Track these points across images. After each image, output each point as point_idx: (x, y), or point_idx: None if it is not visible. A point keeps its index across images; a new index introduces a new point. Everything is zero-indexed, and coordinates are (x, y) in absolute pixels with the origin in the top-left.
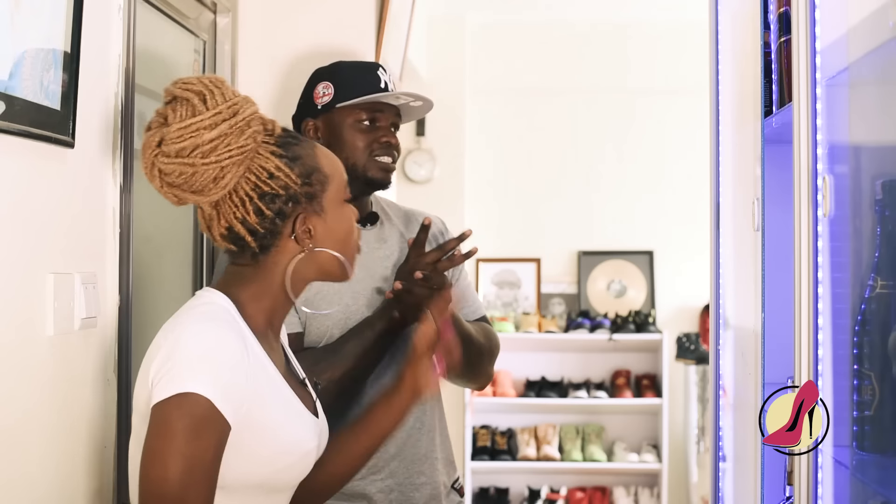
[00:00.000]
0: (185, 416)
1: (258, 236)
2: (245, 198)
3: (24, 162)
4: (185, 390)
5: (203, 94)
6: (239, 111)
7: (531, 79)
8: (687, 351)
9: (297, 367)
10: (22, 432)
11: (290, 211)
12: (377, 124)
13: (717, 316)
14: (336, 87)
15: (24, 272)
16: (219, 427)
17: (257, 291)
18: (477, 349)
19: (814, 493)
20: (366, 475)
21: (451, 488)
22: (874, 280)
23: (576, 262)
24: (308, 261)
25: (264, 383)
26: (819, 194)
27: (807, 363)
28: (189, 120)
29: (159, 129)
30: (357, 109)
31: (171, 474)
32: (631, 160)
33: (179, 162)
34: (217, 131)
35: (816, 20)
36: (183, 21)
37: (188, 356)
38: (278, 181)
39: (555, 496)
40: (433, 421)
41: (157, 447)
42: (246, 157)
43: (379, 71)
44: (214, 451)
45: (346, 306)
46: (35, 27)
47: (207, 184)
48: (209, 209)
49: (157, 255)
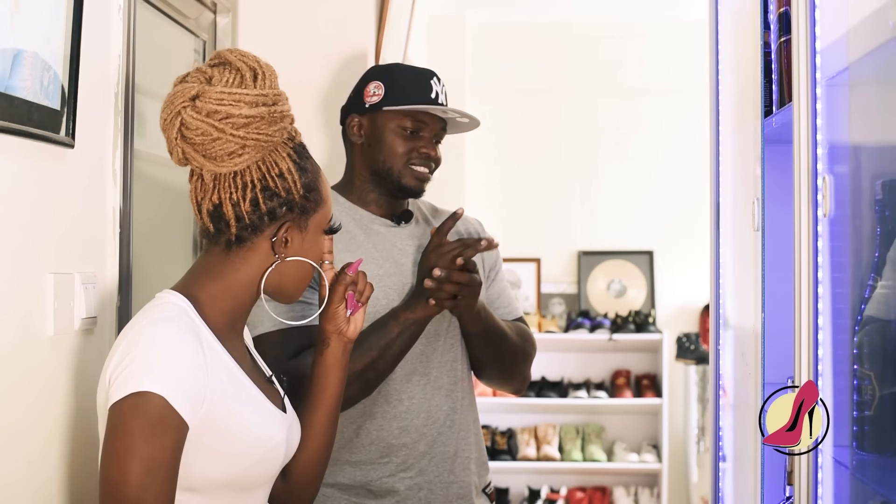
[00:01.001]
0: (140, 416)
1: (241, 225)
2: (249, 183)
3: (24, 162)
4: (140, 389)
5: (256, 71)
6: (279, 102)
7: (531, 78)
8: (687, 351)
9: (263, 364)
10: (22, 432)
11: (281, 215)
12: (420, 134)
13: (717, 316)
14: (387, 89)
15: (24, 272)
16: (175, 426)
17: (221, 290)
18: (511, 348)
19: (814, 493)
20: (395, 472)
21: (481, 491)
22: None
23: (576, 262)
24: (275, 270)
25: (224, 380)
26: (819, 194)
27: (807, 363)
28: (235, 88)
29: (199, 84)
30: (402, 116)
31: (129, 476)
32: (631, 160)
33: (209, 123)
34: (256, 111)
35: (816, 20)
36: (183, 21)
37: (143, 356)
38: (285, 182)
39: (555, 496)
40: (467, 421)
41: (113, 448)
42: (267, 146)
43: (433, 80)
44: (172, 450)
45: (375, 300)
46: (35, 27)
47: (224, 155)
48: (209, 179)
49: (157, 255)
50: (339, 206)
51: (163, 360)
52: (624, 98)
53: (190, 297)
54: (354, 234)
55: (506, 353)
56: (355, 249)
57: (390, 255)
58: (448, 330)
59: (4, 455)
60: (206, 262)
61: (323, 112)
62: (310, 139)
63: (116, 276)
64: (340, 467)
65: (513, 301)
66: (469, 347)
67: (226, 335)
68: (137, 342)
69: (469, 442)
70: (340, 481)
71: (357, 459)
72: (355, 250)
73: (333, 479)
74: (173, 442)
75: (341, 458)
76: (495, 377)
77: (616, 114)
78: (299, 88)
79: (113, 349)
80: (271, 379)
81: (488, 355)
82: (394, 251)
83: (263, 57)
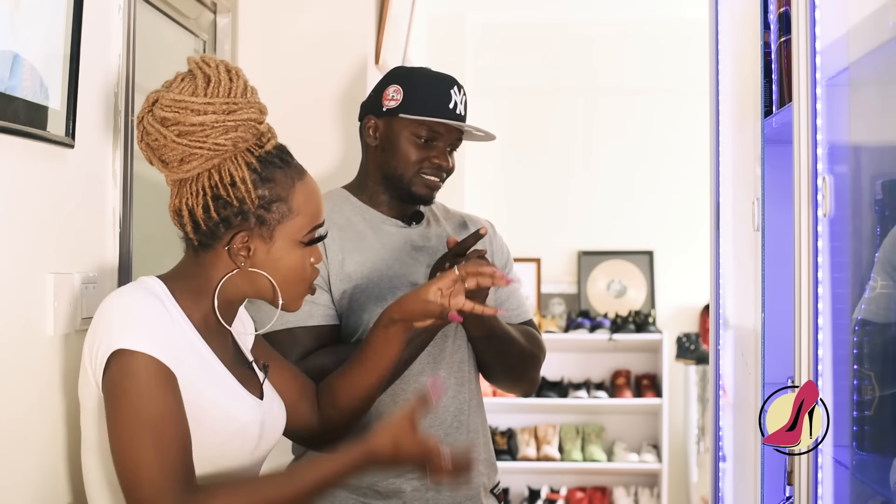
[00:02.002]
0: (131, 377)
1: (199, 232)
2: (201, 190)
3: (24, 162)
4: (117, 348)
5: (210, 78)
6: (234, 111)
7: (531, 78)
8: (687, 351)
9: (247, 352)
10: (22, 432)
11: (236, 224)
12: (434, 143)
13: (717, 316)
14: (405, 95)
15: (24, 272)
16: (164, 374)
17: (194, 289)
18: (518, 352)
19: (814, 493)
20: (402, 472)
21: (489, 492)
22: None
23: (576, 262)
24: (244, 278)
25: (190, 355)
26: (819, 194)
27: (807, 363)
28: (184, 96)
29: (164, 90)
30: (418, 124)
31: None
32: (631, 160)
33: (158, 129)
34: (201, 119)
35: (816, 20)
36: (183, 21)
37: (112, 321)
38: (237, 192)
39: (555, 496)
40: (476, 423)
41: (116, 416)
42: (218, 155)
43: (453, 90)
44: (173, 396)
45: (383, 300)
46: (35, 27)
47: (174, 161)
48: (172, 184)
49: (157, 255)
50: (350, 205)
51: (131, 319)
52: (624, 97)
53: (166, 282)
54: (365, 234)
55: (512, 356)
56: (365, 249)
57: (400, 255)
58: (455, 332)
59: (4, 455)
60: (184, 262)
61: (322, 112)
62: (306, 138)
63: (116, 277)
64: None
65: (523, 303)
66: (475, 351)
67: (201, 326)
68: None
69: (478, 443)
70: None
71: None
72: (365, 250)
73: None
74: (170, 389)
75: None
76: (503, 380)
77: (616, 113)
78: (299, 88)
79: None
80: (252, 365)
81: (494, 358)
82: (404, 251)
83: (263, 57)
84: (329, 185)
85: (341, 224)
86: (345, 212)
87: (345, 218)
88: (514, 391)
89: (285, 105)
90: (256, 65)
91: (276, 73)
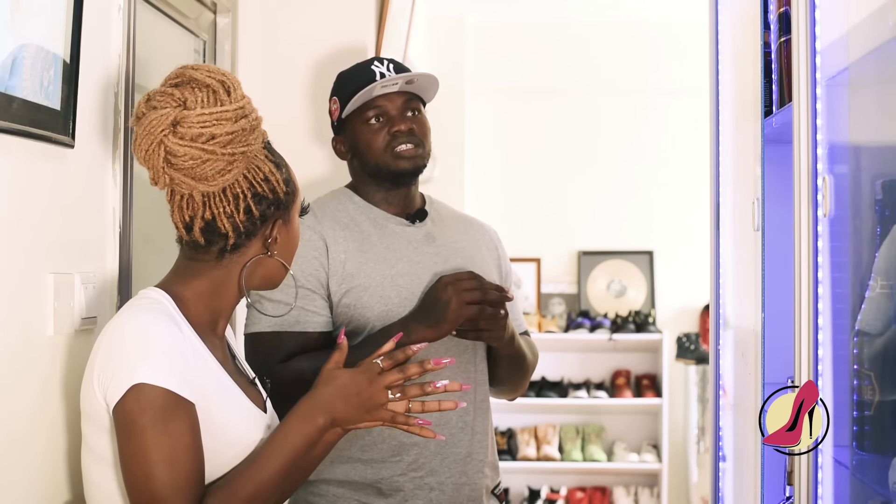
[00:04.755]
0: (146, 410)
1: (237, 233)
2: (240, 194)
3: (24, 162)
4: (136, 382)
5: (227, 84)
6: (250, 111)
7: (531, 78)
8: (687, 351)
9: (246, 366)
10: (22, 432)
11: (272, 215)
12: (386, 116)
13: (717, 316)
14: (340, 98)
15: (24, 272)
16: (183, 407)
17: (208, 289)
18: (526, 365)
19: (814, 493)
20: (406, 471)
21: (491, 493)
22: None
23: (576, 261)
24: (258, 266)
25: (204, 373)
26: (819, 194)
27: (807, 363)
28: (214, 108)
29: (174, 109)
30: (362, 111)
31: (154, 471)
32: (631, 160)
33: (196, 147)
34: (238, 125)
35: (816, 20)
36: (183, 21)
37: (129, 349)
38: (270, 184)
39: (555, 496)
40: (484, 425)
41: (130, 449)
42: (247, 155)
43: (374, 65)
44: (190, 431)
45: (387, 299)
46: (35, 27)
47: (214, 174)
48: (199, 198)
49: (157, 255)
50: (354, 204)
51: (149, 350)
52: (624, 97)
53: (173, 294)
54: (368, 233)
55: (526, 370)
56: (368, 249)
57: (404, 254)
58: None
59: (5, 455)
60: (194, 266)
61: (322, 112)
62: (306, 138)
63: (116, 276)
64: (352, 465)
65: (520, 315)
66: (493, 366)
67: (207, 333)
68: (119, 337)
69: (485, 445)
70: (352, 479)
71: (369, 457)
72: (368, 249)
73: (345, 476)
74: (188, 423)
75: (353, 456)
76: (505, 390)
77: (616, 113)
78: (299, 89)
79: (95, 347)
80: (254, 381)
81: (509, 374)
82: (408, 251)
83: (263, 57)
84: (329, 185)
85: (345, 223)
86: (349, 210)
87: (349, 217)
88: (506, 397)
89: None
90: (256, 65)
91: (276, 73)
